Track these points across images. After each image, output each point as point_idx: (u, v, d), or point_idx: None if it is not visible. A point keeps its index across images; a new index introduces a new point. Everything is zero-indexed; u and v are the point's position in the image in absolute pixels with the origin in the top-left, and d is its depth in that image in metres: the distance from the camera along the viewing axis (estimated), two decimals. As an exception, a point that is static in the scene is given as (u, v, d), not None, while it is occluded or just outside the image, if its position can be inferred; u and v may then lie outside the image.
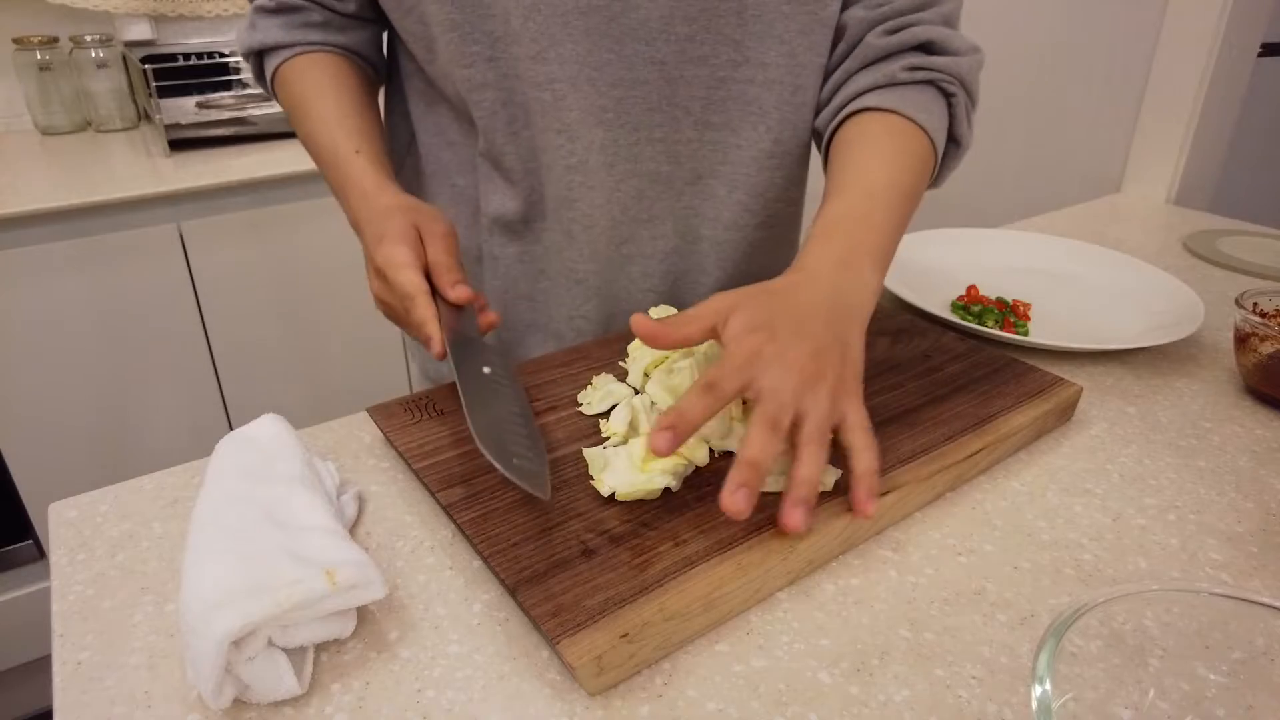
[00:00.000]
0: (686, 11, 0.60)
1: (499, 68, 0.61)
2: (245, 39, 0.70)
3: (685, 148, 0.66)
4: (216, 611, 0.35)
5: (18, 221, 1.18)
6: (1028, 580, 0.45)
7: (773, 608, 0.42)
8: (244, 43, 0.70)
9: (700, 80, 0.63)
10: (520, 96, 0.62)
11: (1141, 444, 0.58)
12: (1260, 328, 0.62)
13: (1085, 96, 1.35)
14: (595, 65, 0.60)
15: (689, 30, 0.61)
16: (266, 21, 0.68)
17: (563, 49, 0.59)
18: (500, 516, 0.45)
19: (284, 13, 0.68)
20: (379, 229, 0.56)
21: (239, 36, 0.71)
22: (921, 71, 0.60)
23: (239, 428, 0.51)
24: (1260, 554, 0.47)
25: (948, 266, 0.85)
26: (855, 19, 0.63)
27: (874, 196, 0.53)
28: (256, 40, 0.68)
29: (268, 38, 0.68)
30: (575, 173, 0.64)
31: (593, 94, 0.61)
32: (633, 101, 0.62)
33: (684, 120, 0.65)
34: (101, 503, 0.50)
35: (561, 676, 0.38)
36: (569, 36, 0.59)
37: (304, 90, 0.67)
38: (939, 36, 0.61)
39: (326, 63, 0.68)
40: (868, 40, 0.62)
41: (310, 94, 0.66)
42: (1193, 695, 0.35)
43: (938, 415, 0.55)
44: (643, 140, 0.64)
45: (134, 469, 0.53)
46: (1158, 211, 1.16)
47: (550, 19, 0.58)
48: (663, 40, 0.61)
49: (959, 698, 0.38)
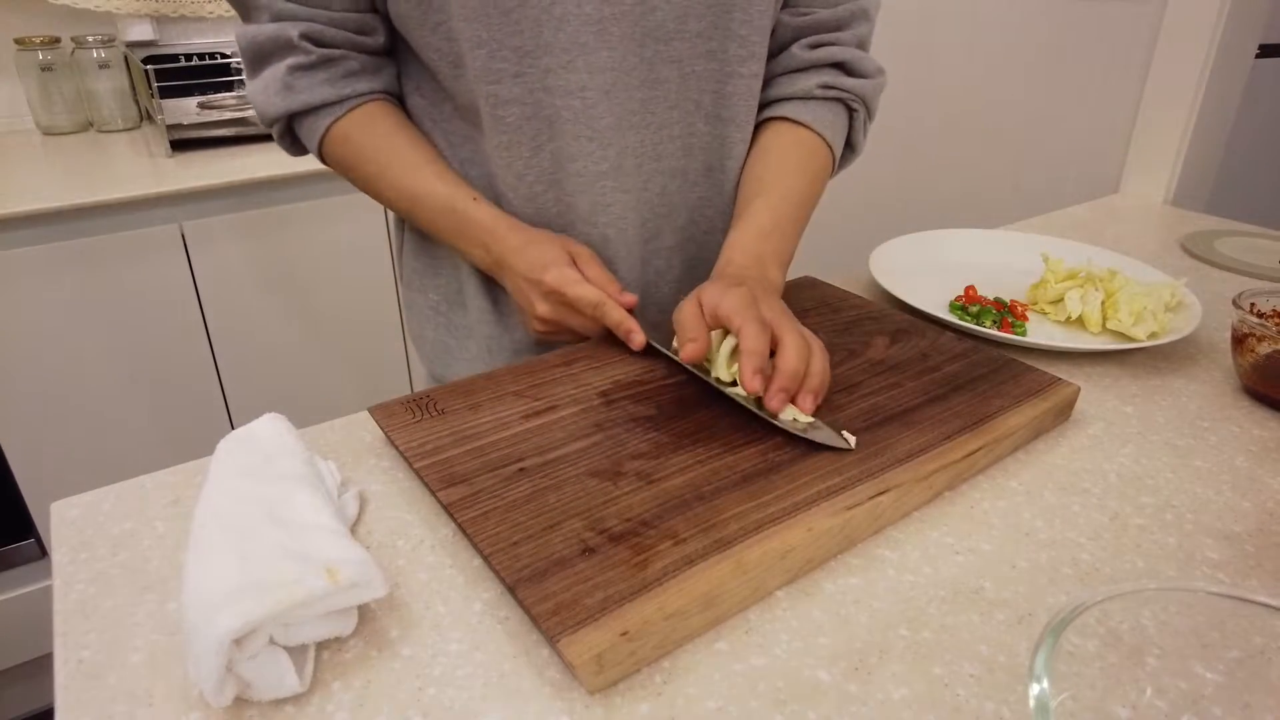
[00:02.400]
0: (697, 9, 0.62)
1: (525, 82, 0.62)
2: (281, 102, 0.64)
3: (698, 140, 0.68)
4: (218, 610, 0.35)
5: (19, 221, 1.19)
6: (1025, 579, 0.45)
7: (772, 606, 0.43)
8: (278, 107, 0.64)
9: (711, 75, 0.66)
10: (548, 109, 0.63)
11: (1139, 443, 0.58)
12: (1257, 328, 0.62)
13: (1083, 97, 1.35)
14: (625, 69, 0.62)
15: (700, 27, 0.63)
16: (307, 80, 0.64)
17: (595, 56, 0.61)
18: (500, 515, 0.45)
19: (324, 66, 0.64)
20: (534, 259, 0.62)
21: (267, 100, 0.65)
22: (834, 90, 0.70)
23: (240, 427, 0.51)
24: (1257, 553, 0.47)
25: (946, 267, 0.85)
26: (782, 24, 0.70)
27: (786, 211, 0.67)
28: (299, 102, 0.64)
29: (313, 97, 0.64)
30: (607, 178, 0.66)
31: (624, 98, 0.63)
32: (656, 101, 0.65)
33: (696, 115, 0.67)
34: (103, 501, 0.50)
35: (561, 675, 0.39)
36: (603, 43, 0.61)
37: (377, 144, 0.66)
38: (852, 58, 0.70)
39: (385, 111, 0.67)
40: (793, 50, 0.70)
41: (386, 146, 0.66)
42: (1190, 694, 0.35)
43: (936, 415, 0.55)
44: (665, 139, 0.67)
45: (136, 468, 0.53)
46: (1155, 212, 1.17)
47: (581, 28, 0.60)
48: (679, 39, 0.63)
49: (957, 696, 0.38)
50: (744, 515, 0.45)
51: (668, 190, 0.69)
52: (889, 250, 0.86)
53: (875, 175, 1.66)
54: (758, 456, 0.50)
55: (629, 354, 0.62)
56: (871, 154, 1.67)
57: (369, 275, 1.49)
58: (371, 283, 1.50)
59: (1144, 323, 0.70)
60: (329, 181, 1.39)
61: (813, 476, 0.48)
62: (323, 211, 1.41)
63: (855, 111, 0.73)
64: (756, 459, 0.50)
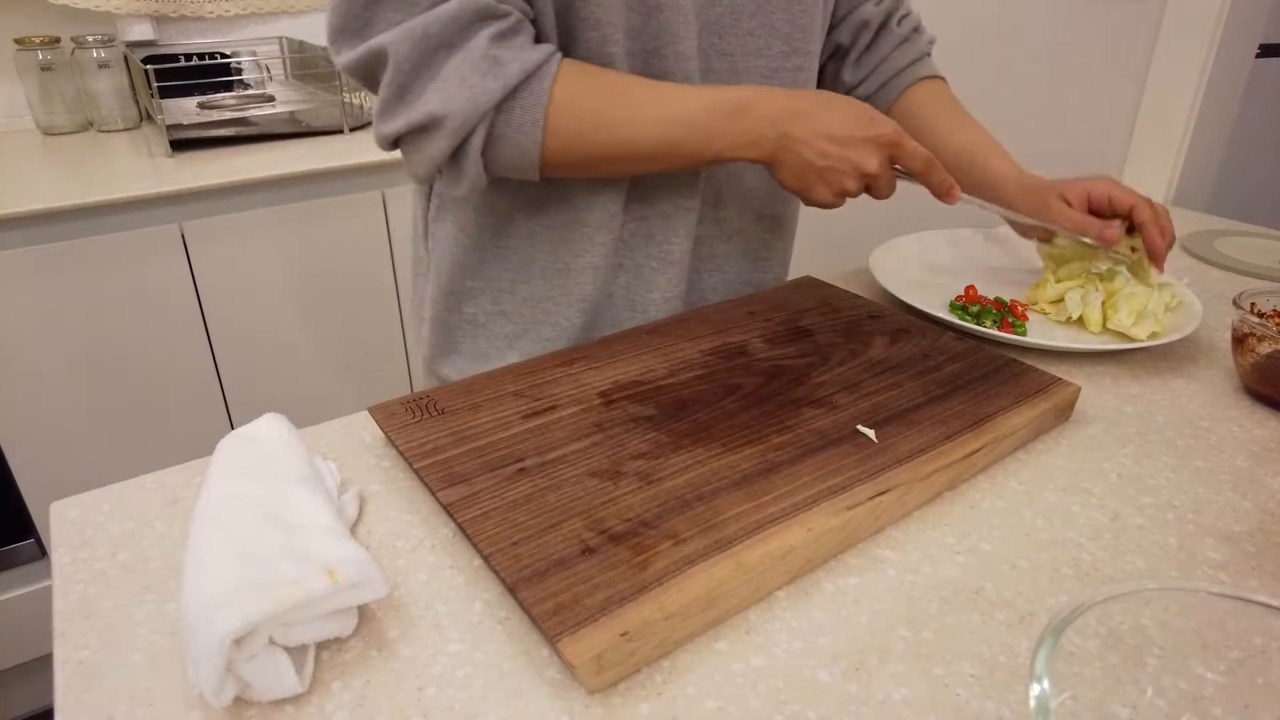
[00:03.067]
0: (749, 8, 0.65)
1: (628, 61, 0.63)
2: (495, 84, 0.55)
3: None
4: (218, 610, 0.35)
5: (19, 221, 1.19)
6: (1026, 579, 0.45)
7: (772, 606, 0.43)
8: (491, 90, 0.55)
9: (756, 70, 0.68)
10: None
11: (1139, 444, 0.58)
12: (1258, 328, 0.62)
13: (1083, 98, 1.35)
14: (703, 60, 0.65)
15: (751, 25, 0.66)
16: (512, 49, 0.55)
17: (682, 45, 0.63)
18: (500, 515, 0.45)
19: (526, 29, 0.58)
20: (857, 113, 0.61)
21: (472, 90, 0.54)
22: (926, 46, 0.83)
23: (240, 427, 0.51)
24: (1258, 553, 0.47)
25: (946, 267, 0.85)
26: (871, 14, 0.80)
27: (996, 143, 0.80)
28: (516, 71, 0.55)
29: (527, 61, 0.56)
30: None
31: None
32: None
33: None
34: (103, 502, 0.50)
35: (561, 675, 0.39)
36: (688, 33, 0.62)
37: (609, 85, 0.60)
38: (916, 20, 0.83)
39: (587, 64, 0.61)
40: (891, 28, 0.81)
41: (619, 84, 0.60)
42: (1190, 694, 0.35)
43: (936, 415, 0.55)
44: None
45: (135, 468, 0.53)
46: (1157, 212, 1.16)
47: (674, 17, 0.61)
48: (732, 34, 0.66)
49: (957, 696, 0.38)
50: (744, 515, 0.45)
51: (715, 180, 0.72)
52: (889, 250, 0.86)
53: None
54: (758, 457, 0.50)
55: (629, 354, 0.62)
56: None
57: (369, 275, 1.49)
58: (371, 283, 1.50)
59: (1144, 323, 0.70)
60: (329, 181, 1.39)
61: (813, 476, 0.48)
62: (322, 211, 1.41)
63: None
64: (756, 459, 0.50)
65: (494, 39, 0.55)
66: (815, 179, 0.61)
